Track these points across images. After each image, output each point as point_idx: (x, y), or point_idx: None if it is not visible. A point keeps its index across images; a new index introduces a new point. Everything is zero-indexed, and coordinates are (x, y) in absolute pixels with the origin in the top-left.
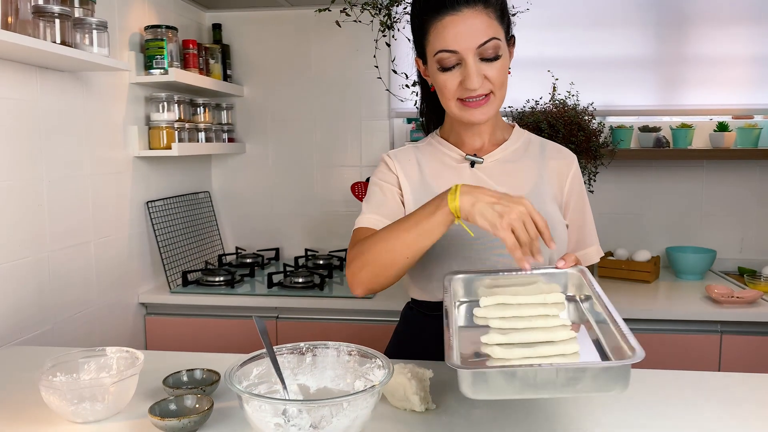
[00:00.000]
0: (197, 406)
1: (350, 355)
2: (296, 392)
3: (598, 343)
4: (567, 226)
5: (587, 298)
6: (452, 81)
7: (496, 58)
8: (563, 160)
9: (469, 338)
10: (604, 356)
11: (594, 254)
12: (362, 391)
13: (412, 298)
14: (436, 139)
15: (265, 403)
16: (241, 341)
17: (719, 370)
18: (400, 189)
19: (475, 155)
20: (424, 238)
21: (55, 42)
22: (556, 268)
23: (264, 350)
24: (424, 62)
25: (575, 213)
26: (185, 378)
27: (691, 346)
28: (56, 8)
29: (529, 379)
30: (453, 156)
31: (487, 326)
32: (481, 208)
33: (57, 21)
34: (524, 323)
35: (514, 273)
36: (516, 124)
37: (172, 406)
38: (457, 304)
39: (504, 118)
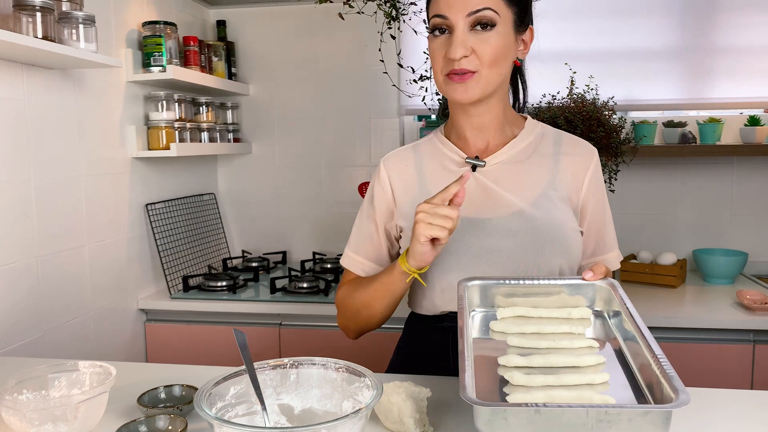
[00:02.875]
0: (170, 428)
1: (338, 372)
2: (278, 413)
3: (626, 366)
4: (582, 232)
5: (616, 314)
6: (440, 50)
7: (490, 30)
8: (580, 156)
9: (485, 356)
10: (636, 387)
11: (614, 260)
12: (342, 417)
13: (412, 312)
14: (438, 137)
15: (234, 430)
16: None
17: (752, 383)
18: (393, 199)
19: (476, 158)
20: (390, 292)
21: (36, 37)
22: (583, 279)
23: (244, 366)
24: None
25: (594, 216)
26: (162, 395)
27: (721, 357)
28: (37, 1)
29: (555, 419)
30: (454, 158)
31: (505, 342)
32: (412, 249)
33: (38, 15)
34: (547, 342)
35: (536, 281)
36: (528, 117)
37: (143, 428)
38: (472, 313)
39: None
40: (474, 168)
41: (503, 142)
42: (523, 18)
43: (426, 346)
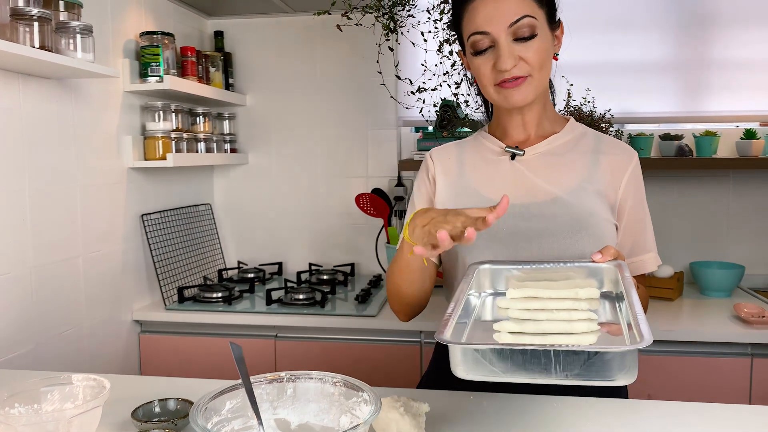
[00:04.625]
0: None
1: (336, 386)
2: (274, 428)
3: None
4: (617, 226)
5: (623, 296)
6: (486, 65)
7: (532, 37)
8: (620, 155)
9: (484, 327)
10: None
11: (651, 262)
12: None
13: None
14: (482, 133)
15: None
16: None
17: (750, 397)
18: (435, 185)
19: (516, 147)
20: (406, 270)
21: (33, 47)
22: (592, 261)
23: (240, 380)
24: (464, 52)
25: (632, 216)
26: (157, 409)
27: (719, 370)
28: (35, 11)
29: (518, 359)
30: (494, 149)
31: (508, 317)
32: (417, 233)
33: (36, 24)
34: (546, 315)
35: (548, 265)
36: (572, 118)
37: None
38: (483, 296)
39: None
40: (513, 157)
41: (543, 136)
42: (553, 15)
43: None
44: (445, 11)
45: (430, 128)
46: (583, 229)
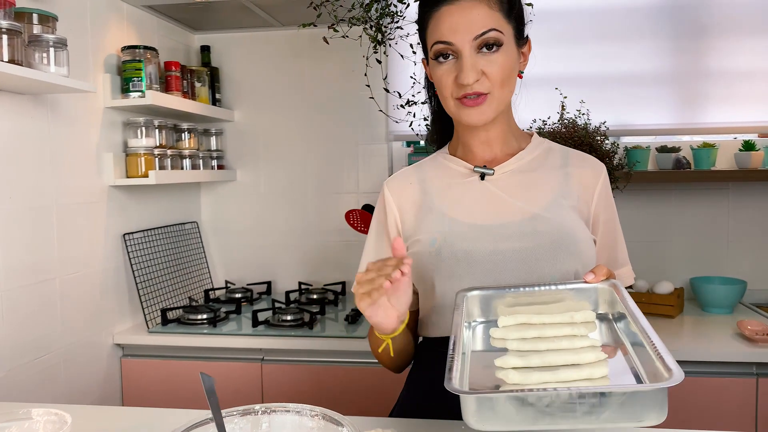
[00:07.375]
0: None
1: (314, 419)
2: None
3: (635, 369)
4: (595, 242)
5: (621, 316)
6: (448, 76)
7: (497, 51)
8: (589, 169)
9: (483, 362)
10: (640, 382)
11: (626, 276)
12: None
13: (423, 337)
14: (442, 155)
15: None
16: (225, 386)
17: (756, 421)
18: (399, 222)
19: (485, 167)
20: (382, 350)
21: (2, 60)
22: (585, 282)
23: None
24: (428, 61)
25: (606, 230)
26: None
27: (723, 391)
28: (4, 23)
29: (543, 406)
30: (459, 170)
31: (505, 349)
32: (363, 306)
33: (5, 37)
34: (547, 344)
35: (537, 288)
36: (535, 133)
37: None
38: (473, 324)
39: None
40: (482, 177)
41: (510, 154)
42: (521, 31)
43: (438, 378)
44: None
45: (422, 142)
46: (566, 246)
